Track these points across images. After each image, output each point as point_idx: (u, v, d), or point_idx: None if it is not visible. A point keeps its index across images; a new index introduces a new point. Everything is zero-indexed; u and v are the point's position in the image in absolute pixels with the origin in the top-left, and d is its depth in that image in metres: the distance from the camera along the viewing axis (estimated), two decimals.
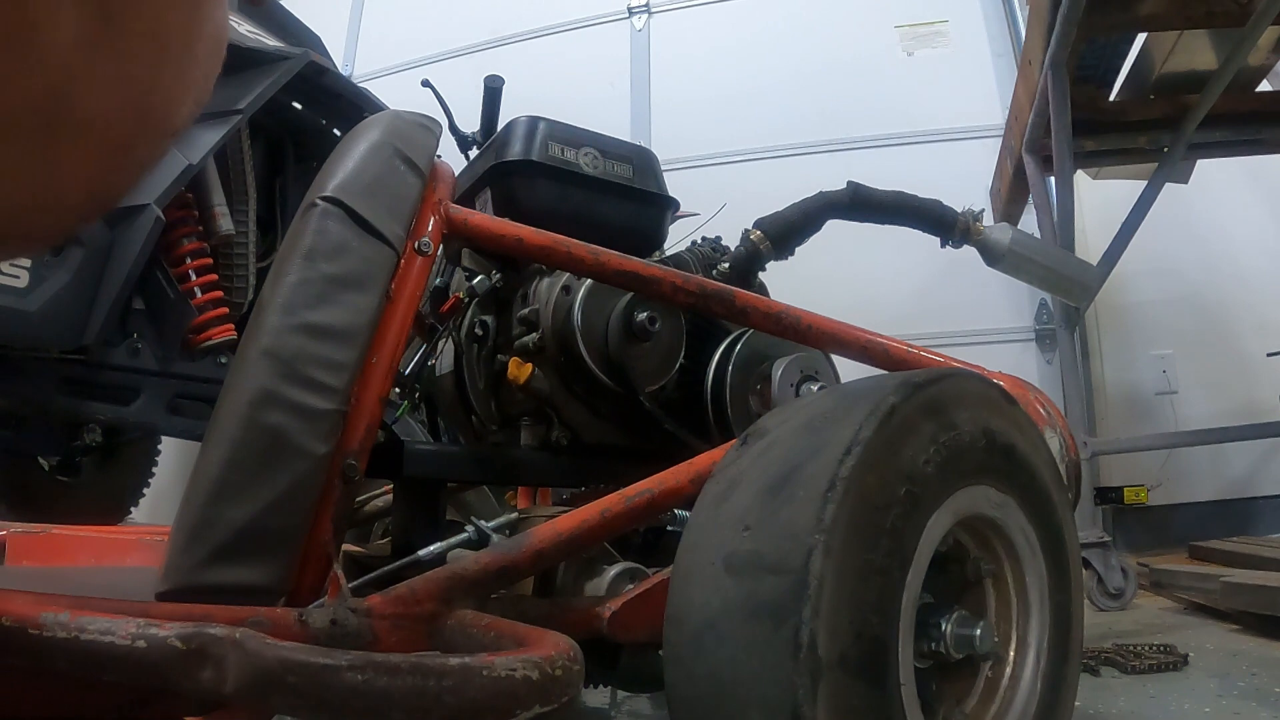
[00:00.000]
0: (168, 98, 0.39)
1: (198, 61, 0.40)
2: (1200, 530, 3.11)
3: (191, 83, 0.40)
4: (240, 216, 2.24)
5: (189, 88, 0.40)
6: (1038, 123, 2.73)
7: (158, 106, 0.39)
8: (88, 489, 2.75)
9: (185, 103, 0.41)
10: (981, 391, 0.86)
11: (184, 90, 0.40)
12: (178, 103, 0.40)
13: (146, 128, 0.39)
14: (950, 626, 0.81)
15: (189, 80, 0.40)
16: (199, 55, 0.40)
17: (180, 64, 0.39)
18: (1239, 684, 1.52)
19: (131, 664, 0.60)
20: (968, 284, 3.33)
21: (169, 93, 0.39)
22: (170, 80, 0.39)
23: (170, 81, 0.39)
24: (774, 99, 4.02)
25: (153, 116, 0.39)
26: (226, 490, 0.78)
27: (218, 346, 2.14)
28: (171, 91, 0.39)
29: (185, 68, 0.39)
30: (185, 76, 0.40)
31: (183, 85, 0.40)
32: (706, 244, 1.44)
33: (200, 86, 0.41)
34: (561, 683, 0.62)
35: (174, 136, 0.42)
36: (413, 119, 1.03)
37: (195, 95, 0.41)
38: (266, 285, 0.89)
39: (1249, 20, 2.21)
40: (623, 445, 1.23)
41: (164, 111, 0.40)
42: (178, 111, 0.40)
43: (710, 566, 0.72)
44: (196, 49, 0.39)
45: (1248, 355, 3.41)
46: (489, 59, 4.37)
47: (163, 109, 0.39)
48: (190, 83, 0.40)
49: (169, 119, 0.40)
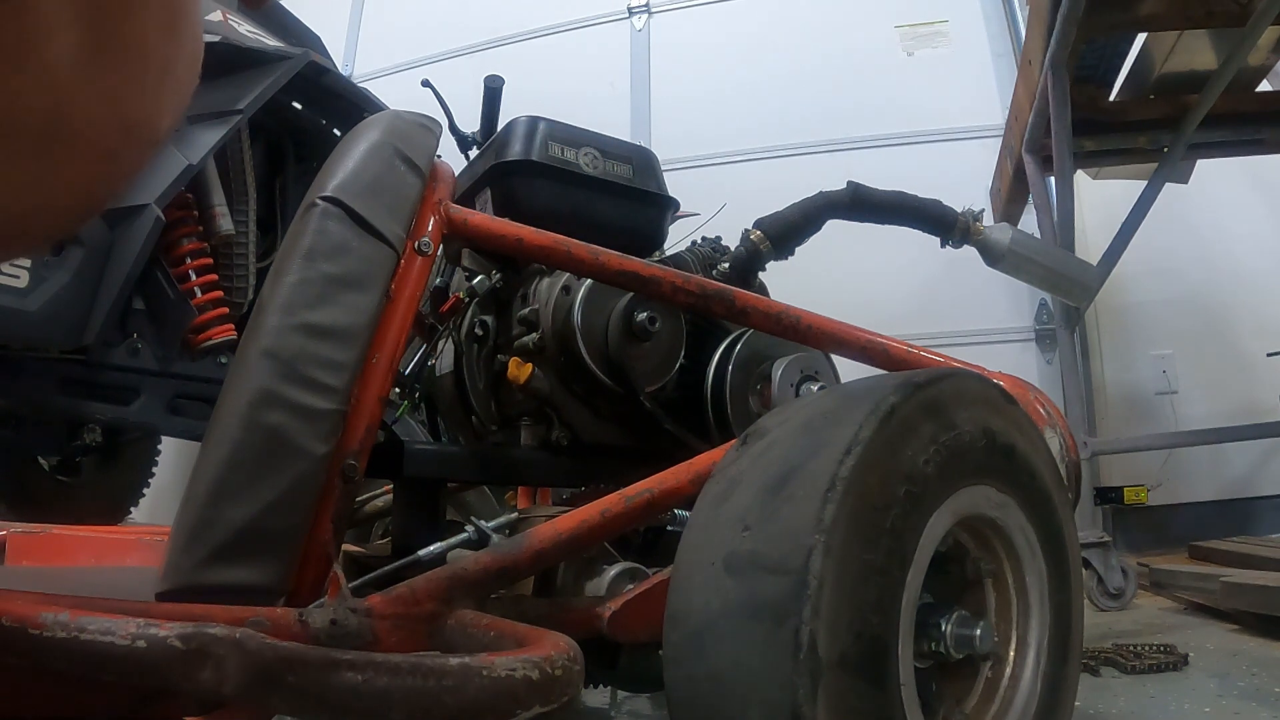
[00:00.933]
0: (151, 110, 0.43)
1: (177, 77, 0.44)
2: (1200, 530, 3.10)
3: (172, 96, 0.45)
4: (240, 216, 2.24)
5: (170, 101, 0.45)
6: (1038, 123, 2.73)
7: (142, 118, 0.43)
8: (88, 489, 2.75)
9: (167, 114, 0.45)
10: (981, 391, 0.86)
11: (166, 103, 0.44)
12: (160, 115, 0.44)
13: (132, 138, 0.43)
14: (950, 626, 0.81)
15: (170, 94, 0.44)
16: (179, 72, 0.44)
17: (162, 80, 0.43)
18: (1239, 684, 1.52)
19: (131, 664, 0.60)
20: (968, 284, 3.32)
21: (152, 106, 0.43)
22: (153, 94, 0.43)
23: (153, 96, 0.43)
24: (774, 99, 4.02)
25: (138, 128, 0.43)
26: (226, 490, 0.78)
27: (218, 346, 2.14)
28: (154, 104, 0.43)
29: (166, 83, 0.43)
30: (167, 91, 0.44)
31: (164, 99, 0.44)
32: (706, 244, 1.44)
33: (180, 100, 0.46)
34: (561, 683, 0.62)
35: (157, 145, 0.46)
36: (413, 119, 1.03)
37: (175, 107, 0.46)
38: (266, 285, 0.89)
39: (1249, 20, 2.21)
40: (623, 445, 1.23)
41: (148, 123, 0.44)
42: (160, 123, 0.45)
43: (710, 566, 0.72)
44: (176, 66, 0.44)
45: (1248, 355, 3.41)
46: (489, 59, 4.37)
47: (147, 120, 0.43)
48: (171, 96, 0.44)
49: (153, 129, 0.44)
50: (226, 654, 0.59)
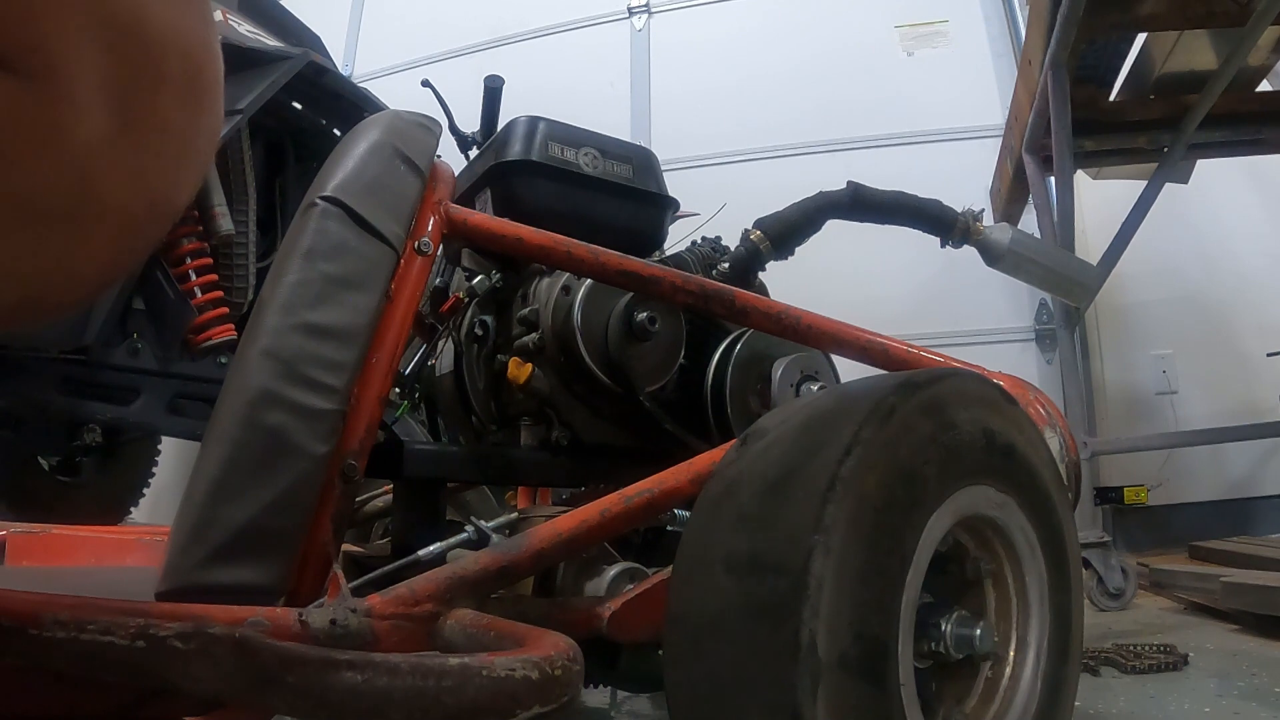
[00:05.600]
0: (173, 185, 0.46)
1: (198, 152, 0.46)
2: (1200, 530, 3.10)
3: (192, 171, 0.47)
4: (240, 216, 2.24)
5: (190, 175, 0.47)
6: (1038, 123, 2.73)
7: (164, 193, 0.45)
8: (88, 489, 2.75)
9: (186, 188, 0.47)
10: (981, 391, 0.86)
11: (186, 178, 0.46)
12: (181, 189, 0.46)
13: (155, 212, 0.45)
14: (950, 626, 0.81)
15: (190, 169, 0.46)
16: (199, 147, 0.46)
17: (184, 155, 0.45)
18: (1239, 684, 1.52)
19: (131, 664, 0.60)
20: (968, 284, 3.32)
21: (174, 181, 0.45)
22: (175, 170, 0.45)
23: (175, 171, 0.45)
24: (774, 99, 4.02)
25: (160, 202, 0.45)
26: (226, 490, 0.78)
27: (218, 346, 2.14)
28: (176, 180, 0.46)
29: (188, 158, 0.46)
30: (187, 166, 0.46)
31: (185, 174, 0.46)
32: (706, 244, 1.44)
33: (199, 172, 0.48)
34: (561, 683, 0.62)
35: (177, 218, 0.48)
36: (413, 119, 1.03)
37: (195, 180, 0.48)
38: (266, 285, 0.89)
39: (1249, 20, 2.21)
40: (623, 445, 1.23)
41: (169, 197, 0.46)
42: (180, 196, 0.47)
43: (710, 566, 0.72)
44: (198, 141, 0.46)
45: (1248, 355, 3.41)
46: (489, 59, 4.37)
47: (168, 195, 0.46)
48: (191, 171, 0.47)
49: (173, 203, 0.46)
50: (226, 654, 0.59)
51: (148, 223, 0.45)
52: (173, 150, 0.44)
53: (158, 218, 0.46)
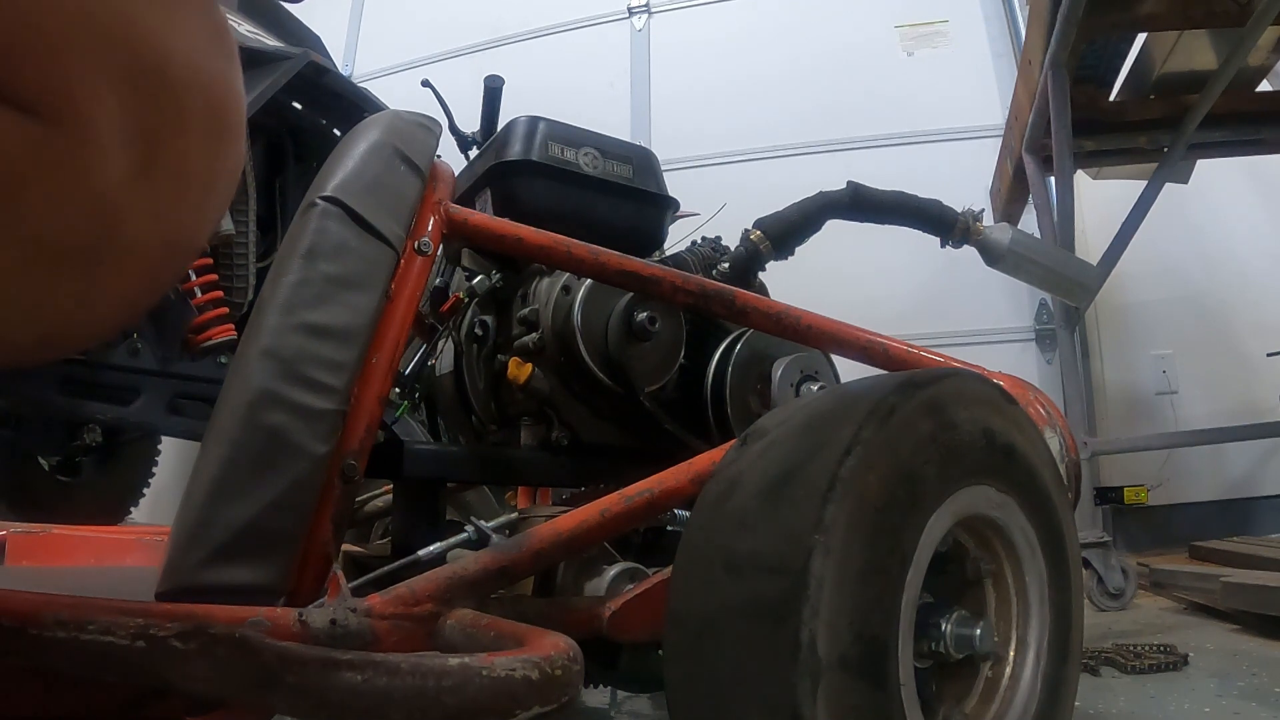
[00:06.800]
0: (193, 226, 0.46)
1: (218, 193, 0.47)
2: (1200, 530, 3.11)
3: (212, 210, 0.47)
4: (240, 216, 2.24)
5: (210, 214, 0.47)
6: (1038, 123, 2.73)
7: (184, 233, 0.46)
8: (88, 489, 2.75)
9: (206, 228, 0.48)
10: (981, 391, 0.86)
11: (206, 218, 0.47)
12: (200, 229, 0.47)
13: (175, 253, 0.46)
14: (950, 626, 0.81)
15: (210, 210, 0.47)
16: (219, 189, 0.47)
17: (205, 197, 0.46)
18: (1239, 684, 1.52)
19: (131, 664, 0.60)
20: (968, 284, 3.33)
21: (194, 221, 0.46)
22: (195, 211, 0.46)
23: (195, 212, 0.46)
24: (774, 99, 4.02)
25: (180, 242, 0.46)
26: (226, 490, 0.78)
27: (218, 346, 2.14)
28: (196, 220, 0.46)
29: (208, 199, 0.46)
30: (207, 207, 0.46)
31: (205, 215, 0.47)
32: (706, 244, 1.44)
33: (219, 213, 0.49)
34: (561, 683, 0.62)
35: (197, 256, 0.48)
36: (413, 119, 1.03)
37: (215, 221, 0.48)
38: (266, 285, 0.89)
39: (1249, 20, 2.21)
40: (623, 445, 1.23)
41: (189, 237, 0.46)
42: (200, 235, 0.47)
43: (710, 566, 0.72)
44: (218, 184, 0.46)
45: (1248, 355, 3.41)
46: (489, 59, 4.37)
47: (188, 235, 0.46)
48: (211, 210, 0.47)
49: (193, 243, 0.47)
50: (226, 654, 0.59)
51: (167, 262, 0.45)
52: (194, 191, 0.44)
53: (177, 257, 0.46)
